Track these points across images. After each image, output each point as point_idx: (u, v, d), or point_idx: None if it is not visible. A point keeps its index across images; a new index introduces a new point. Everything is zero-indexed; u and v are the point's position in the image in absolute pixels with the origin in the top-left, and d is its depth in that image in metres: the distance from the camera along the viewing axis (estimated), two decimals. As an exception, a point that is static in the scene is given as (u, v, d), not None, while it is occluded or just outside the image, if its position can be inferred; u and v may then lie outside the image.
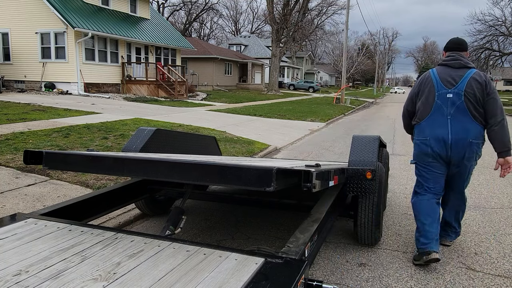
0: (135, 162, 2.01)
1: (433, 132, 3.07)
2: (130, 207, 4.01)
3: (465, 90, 2.99)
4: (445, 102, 3.04)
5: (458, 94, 3.00)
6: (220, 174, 1.82)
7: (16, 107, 11.24)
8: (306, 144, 9.19)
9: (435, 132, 3.06)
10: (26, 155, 2.26)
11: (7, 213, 3.61)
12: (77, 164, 2.19)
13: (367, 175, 2.97)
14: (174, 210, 2.71)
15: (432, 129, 3.08)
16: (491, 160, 7.57)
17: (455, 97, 3.01)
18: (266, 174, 1.70)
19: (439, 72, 3.13)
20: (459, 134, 3.00)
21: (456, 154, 3.03)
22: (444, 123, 3.04)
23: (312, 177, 1.79)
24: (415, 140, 3.25)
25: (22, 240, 1.95)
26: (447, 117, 3.04)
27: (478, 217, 4.24)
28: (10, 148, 6.02)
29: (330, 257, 3.16)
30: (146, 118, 10.99)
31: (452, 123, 3.02)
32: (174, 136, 3.86)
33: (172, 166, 1.92)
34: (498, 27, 36.50)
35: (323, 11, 39.88)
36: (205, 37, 68.05)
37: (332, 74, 77.79)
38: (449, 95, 3.04)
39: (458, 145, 3.00)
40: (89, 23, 18.11)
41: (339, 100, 25.38)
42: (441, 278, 2.86)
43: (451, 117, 3.03)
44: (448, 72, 3.09)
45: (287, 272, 1.66)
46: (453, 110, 3.02)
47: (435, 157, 3.09)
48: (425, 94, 3.15)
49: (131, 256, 1.79)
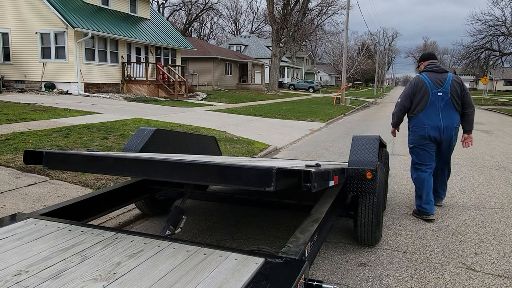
0: (135, 162, 2.01)
1: (429, 121, 4.11)
2: (130, 207, 4.01)
3: (450, 89, 4.08)
4: (437, 98, 4.10)
5: (446, 92, 4.08)
6: (220, 174, 1.82)
7: (16, 107, 11.25)
8: (306, 144, 9.19)
9: (431, 121, 4.11)
10: (26, 155, 2.26)
11: (7, 213, 3.61)
12: (77, 164, 2.18)
13: (367, 175, 2.97)
14: (174, 210, 2.71)
15: (428, 119, 4.12)
16: (491, 160, 7.57)
17: (443, 95, 4.08)
18: (266, 174, 1.69)
19: (429, 76, 4.15)
20: (448, 121, 4.10)
21: (446, 136, 4.13)
22: (437, 114, 4.10)
23: (312, 177, 1.79)
24: (413, 128, 4.28)
25: (22, 240, 1.95)
26: (439, 109, 4.10)
27: (478, 217, 4.24)
28: (10, 148, 6.02)
29: (330, 257, 3.16)
30: (146, 118, 10.99)
31: (442, 114, 4.10)
32: (174, 136, 3.86)
33: (173, 166, 1.92)
34: (498, 27, 36.51)
35: (323, 11, 39.91)
36: (205, 37, 68.05)
37: (332, 74, 77.77)
38: (439, 93, 4.09)
39: (448, 130, 4.11)
40: (89, 23, 18.11)
41: (339, 100, 25.38)
42: (441, 278, 2.86)
43: (441, 110, 4.09)
44: (435, 76, 4.15)
45: (287, 272, 1.66)
46: (442, 104, 4.09)
47: (431, 140, 4.16)
48: (420, 94, 4.15)
49: (131, 256, 1.79)
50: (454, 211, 4.45)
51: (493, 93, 52.56)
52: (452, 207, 4.60)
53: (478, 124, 15.14)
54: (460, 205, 4.67)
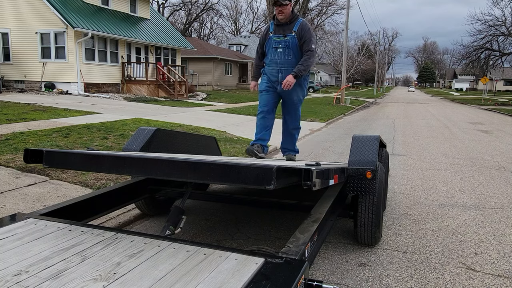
0: (135, 160, 2.01)
1: None
2: (130, 207, 4.01)
3: None
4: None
5: None
6: (220, 172, 1.82)
7: (16, 107, 11.25)
8: (306, 144, 9.19)
9: None
10: (26, 154, 2.26)
11: (7, 213, 3.61)
12: (77, 163, 2.19)
13: (367, 175, 2.97)
14: (174, 210, 2.71)
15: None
16: (491, 160, 7.58)
17: None
18: (266, 172, 1.69)
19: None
20: None
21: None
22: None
23: (313, 176, 1.79)
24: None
25: (22, 240, 1.95)
26: None
27: (478, 217, 4.24)
28: (10, 148, 6.02)
29: (330, 257, 3.16)
30: (146, 118, 10.99)
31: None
32: (174, 136, 3.86)
33: (173, 164, 1.91)
34: (498, 27, 36.50)
35: (323, 11, 39.91)
36: (205, 37, 68.05)
37: (332, 74, 77.77)
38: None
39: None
40: (89, 23, 18.11)
41: (339, 100, 25.38)
42: (441, 278, 2.86)
43: None
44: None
45: (287, 272, 1.66)
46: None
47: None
48: None
49: (131, 256, 1.79)
50: (454, 211, 4.45)
51: (493, 93, 52.57)
52: (452, 207, 4.60)
53: (478, 124, 15.15)
54: (460, 205, 4.67)
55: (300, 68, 4.51)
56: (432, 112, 21.84)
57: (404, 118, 17.36)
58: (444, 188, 5.41)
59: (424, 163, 7.13)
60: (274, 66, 4.70)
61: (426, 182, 5.76)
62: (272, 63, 4.70)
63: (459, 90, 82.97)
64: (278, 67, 4.66)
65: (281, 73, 4.64)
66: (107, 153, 2.23)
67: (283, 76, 4.60)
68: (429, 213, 4.32)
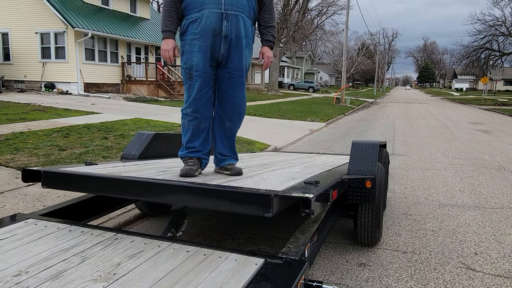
0: (128, 183, 2.15)
1: None
2: (130, 207, 4.01)
3: None
4: None
5: None
6: (216, 198, 1.93)
7: (16, 107, 11.25)
8: (306, 144, 9.19)
9: None
10: (24, 174, 2.38)
11: (7, 213, 3.61)
12: (75, 185, 2.35)
13: (366, 184, 2.95)
14: (176, 213, 2.71)
15: None
16: (491, 160, 7.58)
17: None
18: (264, 200, 1.73)
19: None
20: None
21: None
22: None
23: (311, 204, 1.80)
24: None
25: (22, 240, 1.95)
26: None
27: (478, 217, 4.24)
28: (10, 148, 6.02)
29: (330, 257, 3.16)
30: (146, 118, 10.99)
31: None
32: (174, 139, 3.84)
33: (165, 188, 2.04)
34: (498, 27, 36.51)
35: (323, 11, 39.82)
36: (205, 37, 67.88)
37: (332, 74, 77.78)
38: None
39: None
40: (89, 23, 18.11)
41: (339, 100, 25.38)
42: (441, 278, 2.86)
43: None
44: None
45: (287, 273, 1.66)
46: None
47: None
48: None
49: (131, 257, 1.79)
50: (454, 211, 4.45)
51: (493, 93, 52.55)
52: (452, 207, 4.60)
53: (478, 124, 15.15)
54: (460, 205, 4.67)
55: (273, 33, 3.02)
56: (432, 112, 21.84)
57: (404, 118, 17.36)
58: (444, 188, 5.41)
59: (424, 163, 7.13)
60: (214, 8, 2.62)
61: (426, 182, 5.76)
62: (210, 2, 2.62)
63: (459, 90, 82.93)
64: (222, 9, 2.62)
65: (227, 20, 2.64)
66: (103, 175, 2.30)
67: (229, 26, 2.65)
68: (429, 213, 4.32)
